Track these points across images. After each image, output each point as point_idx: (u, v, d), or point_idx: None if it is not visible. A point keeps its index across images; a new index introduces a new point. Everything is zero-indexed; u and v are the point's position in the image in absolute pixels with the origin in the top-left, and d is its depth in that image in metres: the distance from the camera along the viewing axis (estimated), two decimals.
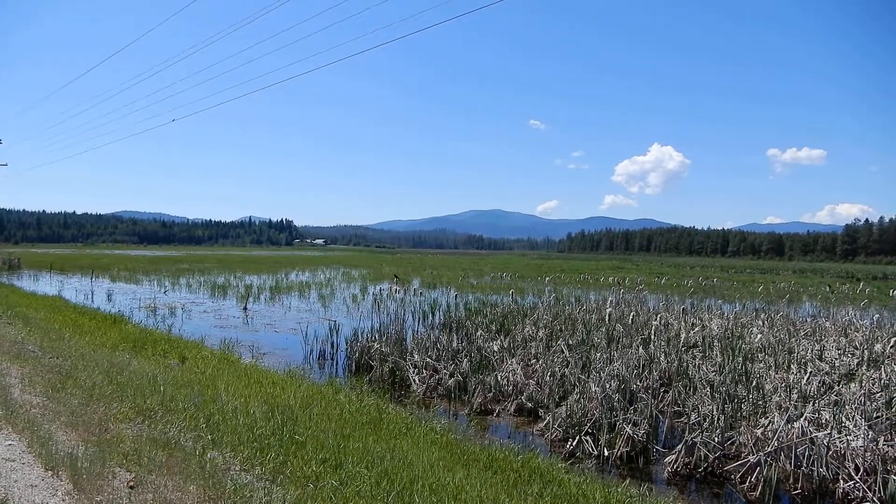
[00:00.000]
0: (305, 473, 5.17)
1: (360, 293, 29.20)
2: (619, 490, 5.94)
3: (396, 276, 31.60)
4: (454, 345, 12.55)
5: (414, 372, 11.33)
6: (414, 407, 9.68)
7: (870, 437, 7.25)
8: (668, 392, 10.07)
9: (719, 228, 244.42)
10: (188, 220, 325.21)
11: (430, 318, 18.64)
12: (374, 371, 11.75)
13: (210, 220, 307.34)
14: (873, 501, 6.13)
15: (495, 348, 12.26)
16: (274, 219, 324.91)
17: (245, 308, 22.48)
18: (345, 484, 4.96)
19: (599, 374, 9.47)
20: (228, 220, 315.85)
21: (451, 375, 10.85)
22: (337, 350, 13.82)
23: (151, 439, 5.79)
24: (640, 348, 11.94)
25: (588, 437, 8.03)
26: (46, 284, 32.13)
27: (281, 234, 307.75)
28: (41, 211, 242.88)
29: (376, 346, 12.44)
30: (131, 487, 4.66)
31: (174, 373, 9.22)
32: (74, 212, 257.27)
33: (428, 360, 11.64)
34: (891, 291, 34.98)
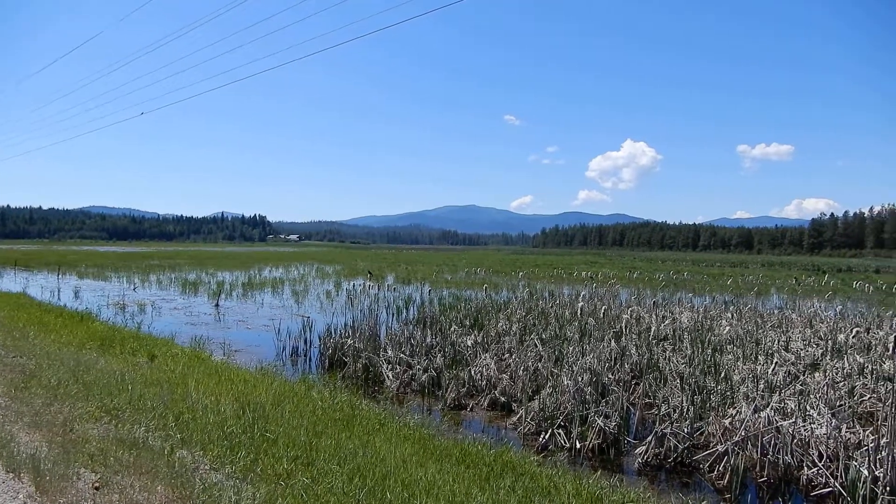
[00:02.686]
0: (277, 471, 5.13)
1: (334, 289, 29.03)
2: (591, 481, 6.00)
3: (370, 273, 31.49)
4: (428, 340, 12.55)
5: (387, 368, 11.30)
6: (387, 403, 9.66)
7: (833, 424, 7.44)
8: (639, 384, 10.21)
9: (690, 223, 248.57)
10: (159, 215, 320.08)
11: (405, 313, 18.66)
12: (347, 367, 11.70)
13: (182, 215, 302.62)
14: (835, 487, 6.28)
15: (469, 343, 12.29)
16: (247, 214, 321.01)
17: (217, 305, 22.18)
18: (316, 481, 4.94)
19: (572, 368, 9.57)
20: (201, 216, 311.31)
21: (425, 371, 10.86)
22: (310, 347, 13.71)
23: (118, 439, 5.69)
24: (613, 342, 12.09)
25: (560, 430, 8.10)
26: (10, 281, 31.28)
27: (254, 229, 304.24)
28: (5, 206, 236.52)
29: (350, 342, 12.38)
30: (96, 489, 4.57)
31: (143, 371, 9.07)
32: (40, 207, 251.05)
33: (402, 355, 11.62)
34: (854, 283, 35.98)
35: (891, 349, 8.24)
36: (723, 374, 9.86)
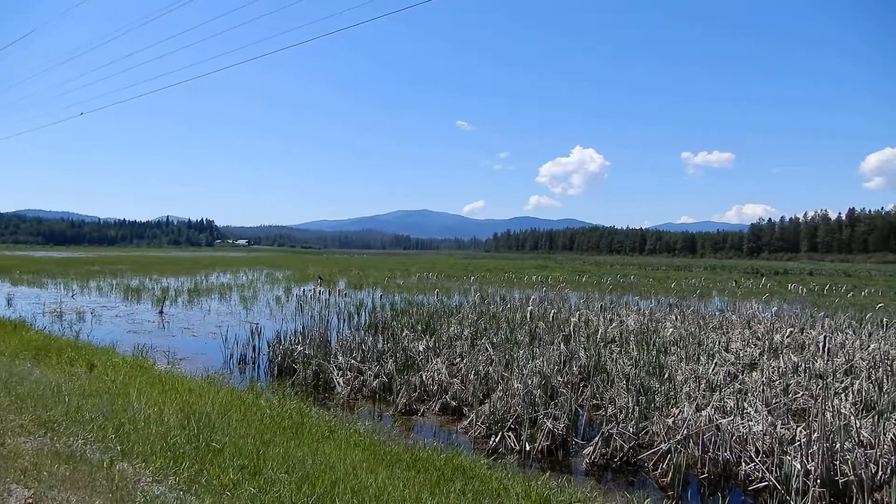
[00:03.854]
0: (222, 481, 5.02)
1: (285, 295, 28.56)
2: (540, 482, 6.10)
3: (321, 278, 31.12)
4: (379, 346, 12.51)
5: (338, 374, 11.20)
6: (338, 409, 9.58)
7: (768, 421, 7.77)
8: (587, 386, 10.42)
9: (637, 228, 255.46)
10: (100, 219, 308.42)
11: (356, 319, 18.51)
12: (297, 374, 11.53)
13: (124, 219, 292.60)
14: (771, 481, 6.55)
15: (421, 348, 12.31)
16: (194, 218, 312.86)
17: (161, 312, 21.50)
18: (264, 490, 4.86)
19: (522, 372, 9.69)
20: (144, 220, 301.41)
21: (376, 376, 10.81)
22: (259, 354, 13.46)
23: (54, 453, 5.47)
24: (562, 345, 12.29)
25: (510, 433, 8.20)
26: None
27: (201, 234, 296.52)
28: None
29: (300, 348, 12.21)
30: None
31: (81, 381, 8.71)
32: None
33: (353, 361, 11.54)
34: (789, 286, 37.61)
35: (819, 348, 8.65)
36: (667, 375, 10.16)
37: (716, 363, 11.24)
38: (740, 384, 9.84)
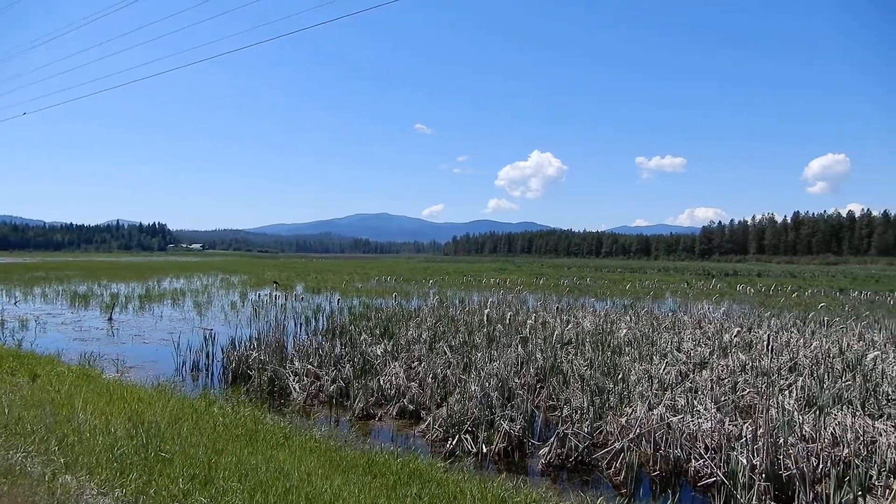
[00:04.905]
0: (171, 492, 4.90)
1: (240, 300, 28.00)
2: (496, 484, 6.14)
3: (276, 282, 30.67)
4: (337, 350, 12.39)
5: (294, 380, 11.05)
6: (294, 415, 9.45)
7: (717, 418, 8.00)
8: (543, 388, 10.54)
9: (594, 231, 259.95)
10: (45, 223, 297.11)
11: (313, 323, 18.30)
12: (252, 381, 11.33)
13: (71, 223, 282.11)
14: (719, 476, 6.74)
15: (378, 352, 12.25)
16: (145, 222, 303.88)
17: (110, 319, 20.82)
18: (215, 500, 4.77)
19: (480, 374, 9.75)
20: (93, 224, 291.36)
21: (333, 381, 10.70)
22: (212, 360, 13.15)
23: None
24: (519, 347, 12.41)
25: (467, 436, 8.23)
26: None
27: (153, 238, 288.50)
28: None
29: (255, 354, 12.01)
30: None
31: (23, 392, 8.39)
32: None
33: (309, 366, 11.40)
34: (738, 286, 38.85)
35: (765, 347, 8.96)
36: (620, 375, 10.35)
37: (667, 363, 11.52)
38: (691, 383, 10.11)
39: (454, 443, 8.19)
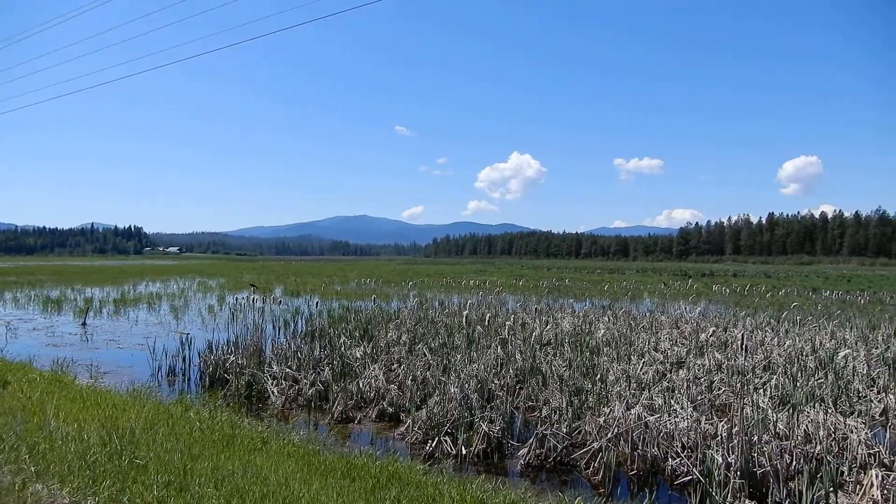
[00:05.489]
0: (146, 499, 4.84)
1: (218, 304, 27.71)
2: (475, 486, 6.15)
3: (254, 285, 30.39)
4: (316, 353, 12.31)
5: (272, 383, 10.95)
6: (272, 420, 9.37)
7: (694, 417, 8.10)
8: (523, 388, 10.57)
9: (573, 232, 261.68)
10: (17, 227, 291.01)
11: (292, 327, 18.16)
12: (229, 385, 11.20)
13: (44, 227, 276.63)
14: (695, 475, 6.83)
15: (358, 355, 12.19)
16: (120, 225, 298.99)
17: (84, 323, 20.44)
18: None
19: (459, 376, 9.75)
20: (66, 227, 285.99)
21: (312, 385, 10.63)
22: (189, 365, 12.97)
23: None
24: (499, 348, 12.44)
25: (447, 438, 8.22)
26: None
27: (129, 241, 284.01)
28: None
29: (232, 358, 11.88)
30: None
31: None
32: None
33: (288, 370, 11.31)
34: (714, 286, 39.38)
35: (738, 346, 9.10)
36: (599, 376, 10.43)
37: (644, 362, 11.64)
38: (668, 382, 10.23)
39: (434, 445, 8.19)
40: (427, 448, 8.17)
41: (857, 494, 6.07)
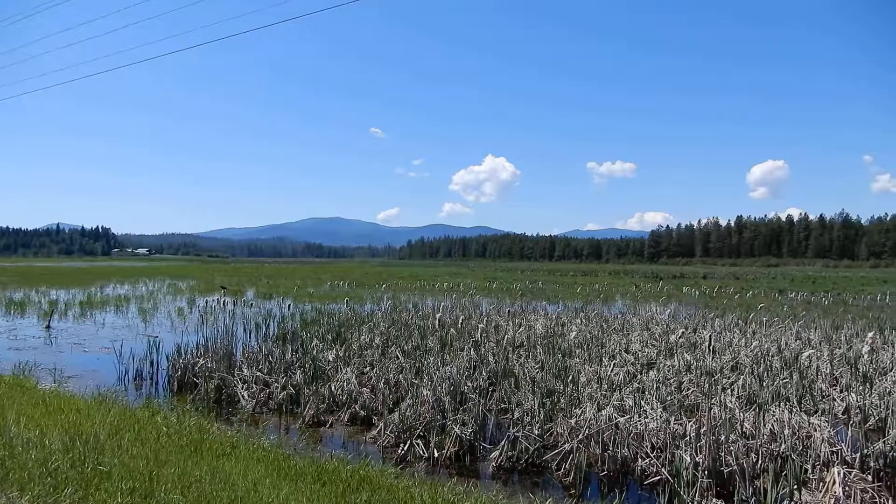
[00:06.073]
0: None
1: (188, 306, 27.26)
2: (446, 489, 6.14)
3: (224, 287, 29.99)
4: (287, 357, 12.17)
5: (243, 387, 10.80)
6: (242, 424, 9.23)
7: (663, 418, 8.20)
8: (495, 391, 10.59)
9: (547, 235, 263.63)
10: None
11: (264, 329, 17.95)
12: (198, 389, 11.02)
13: (7, 227, 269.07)
14: (664, 475, 6.92)
15: (330, 358, 12.10)
16: (88, 226, 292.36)
17: (48, 326, 19.93)
18: None
19: (432, 379, 9.73)
20: (31, 228, 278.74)
21: (283, 388, 10.51)
22: (157, 369, 12.72)
23: None
24: (472, 351, 12.46)
25: (419, 441, 8.20)
26: None
27: (96, 242, 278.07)
28: None
29: (202, 362, 11.69)
30: None
31: None
32: None
33: (258, 373, 11.17)
34: (684, 288, 39.98)
35: (706, 347, 9.25)
36: (571, 377, 10.50)
37: (615, 364, 11.76)
38: (639, 383, 10.33)
39: (406, 448, 8.16)
40: (399, 451, 8.15)
41: (820, 492, 6.20)
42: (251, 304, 21.43)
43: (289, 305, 21.99)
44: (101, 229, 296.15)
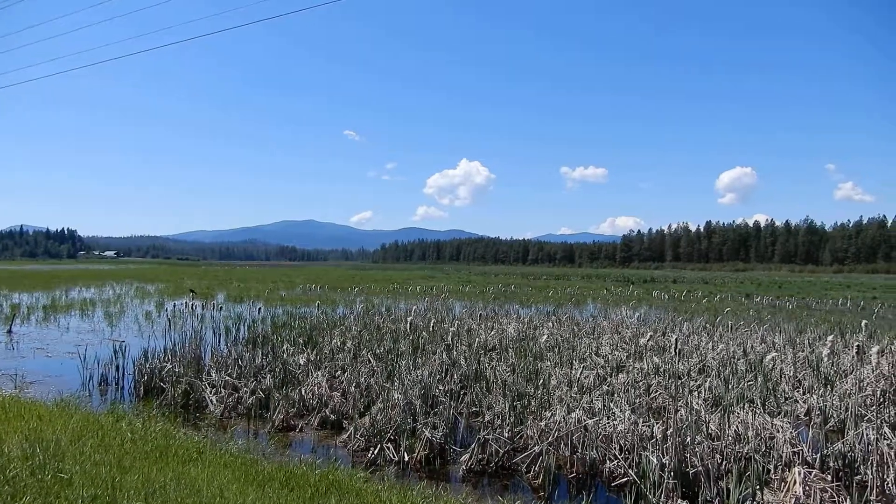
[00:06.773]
0: None
1: (156, 310, 26.78)
2: (415, 492, 6.13)
3: (192, 291, 29.55)
4: (257, 361, 12.04)
5: (211, 392, 10.64)
6: (210, 429, 9.09)
7: (631, 420, 8.30)
8: (467, 394, 10.62)
9: (521, 238, 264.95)
10: None
11: (234, 333, 17.73)
12: (165, 394, 10.83)
13: None
14: (631, 476, 7.01)
15: (301, 362, 11.99)
16: (53, 228, 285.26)
17: (10, 331, 19.38)
18: None
19: (403, 382, 9.72)
20: None
21: (253, 392, 10.39)
22: (123, 374, 12.46)
23: None
24: (444, 354, 12.47)
25: (389, 444, 8.18)
26: None
27: (62, 245, 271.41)
28: None
29: (169, 366, 11.50)
30: None
31: None
32: None
33: (227, 378, 11.02)
34: (654, 292, 40.56)
35: (673, 350, 9.39)
36: (541, 380, 10.58)
37: (585, 367, 11.88)
38: (608, 386, 10.46)
39: (376, 452, 8.13)
40: (369, 455, 8.12)
41: (782, 491, 6.35)
42: (221, 307, 21.12)
43: (259, 309, 21.73)
44: (66, 231, 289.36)
